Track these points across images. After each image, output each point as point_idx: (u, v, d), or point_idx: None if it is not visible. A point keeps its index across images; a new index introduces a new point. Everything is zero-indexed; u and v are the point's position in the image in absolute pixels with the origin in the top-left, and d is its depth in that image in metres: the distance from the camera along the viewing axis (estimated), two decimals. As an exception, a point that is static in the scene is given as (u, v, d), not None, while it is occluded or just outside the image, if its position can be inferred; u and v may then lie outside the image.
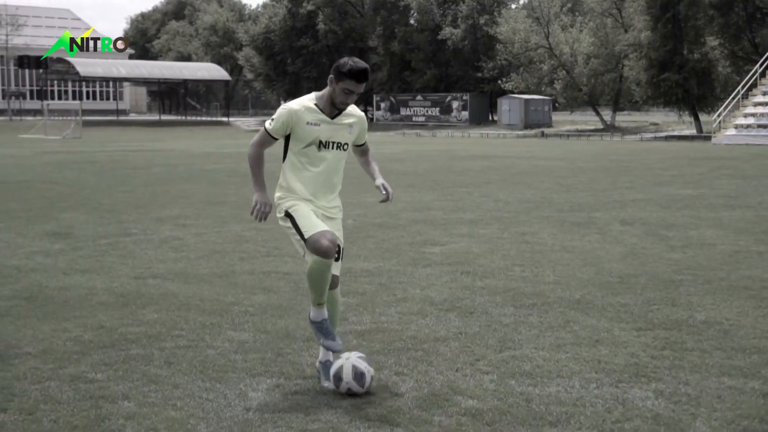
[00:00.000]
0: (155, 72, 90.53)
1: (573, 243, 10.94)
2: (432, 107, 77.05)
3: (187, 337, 6.44)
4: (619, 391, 5.18)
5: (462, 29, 75.11)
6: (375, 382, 5.23)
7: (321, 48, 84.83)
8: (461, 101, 75.28)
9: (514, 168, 25.74)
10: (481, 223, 12.92)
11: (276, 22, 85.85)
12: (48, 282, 8.49)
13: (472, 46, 75.30)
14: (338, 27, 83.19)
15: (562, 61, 66.59)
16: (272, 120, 5.30)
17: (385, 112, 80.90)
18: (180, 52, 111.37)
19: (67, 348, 6.12)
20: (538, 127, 66.26)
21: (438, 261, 9.66)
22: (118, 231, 12.20)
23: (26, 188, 19.07)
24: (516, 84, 68.52)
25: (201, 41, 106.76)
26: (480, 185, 19.60)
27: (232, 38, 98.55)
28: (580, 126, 69.94)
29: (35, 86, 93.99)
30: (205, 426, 4.61)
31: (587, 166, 26.86)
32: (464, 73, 77.38)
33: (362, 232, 11.98)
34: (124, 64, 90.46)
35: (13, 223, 13.01)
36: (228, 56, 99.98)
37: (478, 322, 6.87)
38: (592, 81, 66.05)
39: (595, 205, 15.21)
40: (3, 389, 5.19)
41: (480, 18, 74.40)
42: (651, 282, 8.42)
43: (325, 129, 5.26)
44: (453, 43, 75.19)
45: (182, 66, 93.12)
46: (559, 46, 66.61)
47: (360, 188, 18.33)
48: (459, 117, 75.01)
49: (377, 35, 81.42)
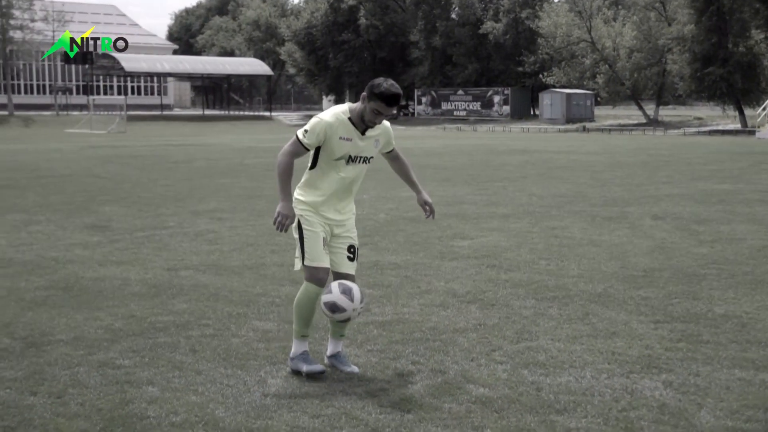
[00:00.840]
0: (198, 67, 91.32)
1: (602, 237, 11.01)
2: (473, 102, 76.92)
3: (213, 326, 6.65)
4: (629, 381, 5.30)
5: (504, 23, 74.87)
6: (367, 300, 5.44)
7: (362, 43, 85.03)
8: (503, 96, 75.06)
9: (551, 163, 25.73)
10: (513, 217, 13.02)
11: (318, 17, 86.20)
12: (84, 273, 8.76)
13: (513, 41, 75.02)
14: (380, 22, 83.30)
15: (604, 55, 66.12)
16: (306, 131, 5.34)
17: (426, 107, 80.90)
18: (223, 47, 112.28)
19: (98, 336, 6.35)
20: (580, 121, 65.92)
21: (465, 254, 9.79)
22: (155, 224, 12.47)
23: (69, 182, 19.46)
24: (558, 78, 68.16)
25: (244, 36, 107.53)
26: (516, 180, 19.66)
27: (274, 33, 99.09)
28: (622, 120, 69.45)
29: (81, 81, 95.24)
30: (224, 410, 4.80)
31: (626, 160, 26.78)
32: (506, 68, 77.14)
33: (393, 225, 12.14)
34: (168, 60, 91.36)
35: (55, 216, 13.34)
36: (270, 51, 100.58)
37: (498, 314, 7.01)
38: (635, 75, 65.49)
39: (628, 200, 15.23)
40: (34, 374, 5.42)
41: (522, 12, 74.10)
42: (675, 276, 8.48)
43: (355, 145, 5.39)
44: (494, 37, 74.97)
45: (225, 61, 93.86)
46: (602, 40, 66.13)
47: (395, 183, 18.47)
48: (500, 111, 74.82)
49: (418, 30, 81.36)
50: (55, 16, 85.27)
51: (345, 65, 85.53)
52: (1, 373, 5.44)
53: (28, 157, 29.37)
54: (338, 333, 5.65)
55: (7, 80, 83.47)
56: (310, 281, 5.41)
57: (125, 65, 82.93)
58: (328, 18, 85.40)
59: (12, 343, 6.14)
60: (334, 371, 5.51)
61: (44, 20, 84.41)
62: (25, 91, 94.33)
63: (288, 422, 4.62)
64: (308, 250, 5.41)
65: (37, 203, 15.10)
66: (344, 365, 5.53)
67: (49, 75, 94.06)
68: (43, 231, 11.74)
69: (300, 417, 4.70)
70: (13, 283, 8.24)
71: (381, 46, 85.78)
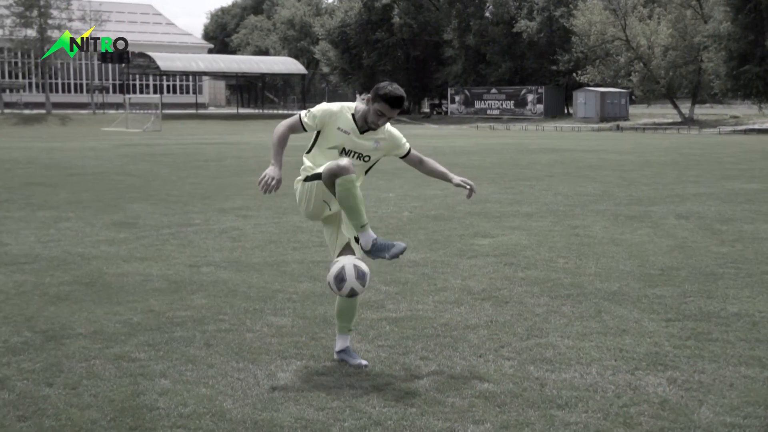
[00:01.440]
0: (233, 66, 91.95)
1: (623, 236, 11.02)
2: (507, 100, 76.84)
3: (229, 321, 6.77)
4: (633, 378, 5.35)
5: (538, 21, 74.75)
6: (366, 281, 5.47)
7: (396, 41, 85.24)
8: (536, 94, 74.93)
9: (581, 162, 25.68)
10: (536, 216, 13.05)
11: (352, 15, 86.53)
12: (108, 269, 8.93)
13: (547, 39, 74.85)
14: (413, 20, 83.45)
15: (639, 54, 65.76)
16: (308, 112, 5.50)
17: (460, 106, 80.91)
18: (258, 46, 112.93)
19: (116, 330, 6.50)
20: (614, 120, 65.66)
21: (484, 252, 9.86)
22: (181, 221, 12.65)
23: (101, 180, 19.74)
24: (592, 77, 67.88)
25: (278, 35, 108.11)
26: (543, 178, 19.66)
27: (308, 32, 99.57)
28: (657, 119, 69.07)
29: (118, 80, 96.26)
30: (232, 402, 4.92)
31: (656, 159, 26.66)
32: (539, 66, 76.98)
33: (416, 224, 12.22)
34: (203, 59, 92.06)
35: (84, 213, 13.56)
36: (305, 50, 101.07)
37: (511, 311, 7.07)
38: (670, 73, 65.11)
39: (654, 199, 15.20)
40: (52, 366, 5.57)
41: (556, 10, 73.89)
42: (692, 275, 8.50)
43: (351, 139, 5.48)
44: (528, 35, 74.88)
45: (259, 60, 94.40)
46: (636, 38, 65.78)
47: (421, 182, 18.59)
48: (534, 110, 74.68)
49: (452, 28, 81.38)
50: (92, 15, 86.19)
51: (378, 64, 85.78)
52: (20, 364, 5.60)
53: (62, 155, 29.78)
54: (346, 328, 5.76)
55: (45, 79, 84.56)
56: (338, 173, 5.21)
57: (161, 64, 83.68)
58: (362, 17, 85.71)
59: (33, 336, 6.30)
60: (343, 365, 5.61)
61: (81, 20, 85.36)
62: (62, 90, 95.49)
63: (293, 414, 4.72)
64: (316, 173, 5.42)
65: (68, 200, 15.35)
66: (353, 359, 5.64)
67: (86, 74, 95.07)
68: (71, 228, 11.95)
69: (305, 409, 4.80)
70: (38, 278, 8.43)
71: (414, 44, 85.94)
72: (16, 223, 12.36)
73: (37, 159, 27.76)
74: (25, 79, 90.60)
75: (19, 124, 71.98)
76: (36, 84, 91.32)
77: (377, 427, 4.56)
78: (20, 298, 7.55)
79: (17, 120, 74.16)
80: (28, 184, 18.69)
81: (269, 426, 4.56)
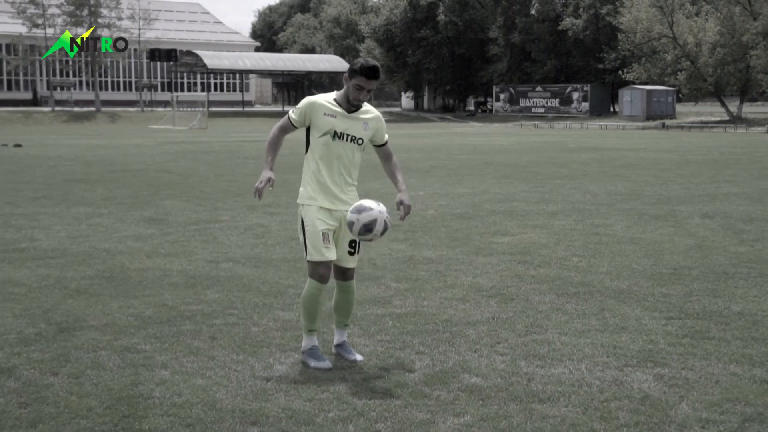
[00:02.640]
0: (279, 64, 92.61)
1: (643, 235, 11.05)
2: (552, 98, 76.52)
3: (237, 315, 6.97)
4: (621, 374, 5.44)
5: (583, 19, 74.32)
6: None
7: (441, 39, 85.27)
8: (582, 92, 74.52)
9: (618, 160, 25.59)
10: (560, 214, 13.11)
11: (397, 14, 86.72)
12: (130, 263, 9.19)
13: (593, 37, 74.39)
14: (458, 18, 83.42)
15: (686, 51, 65.05)
16: (295, 108, 5.76)
17: (505, 104, 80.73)
18: (304, 44, 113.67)
19: (128, 322, 6.72)
20: (661, 118, 65.07)
21: (501, 251, 9.96)
22: (210, 218, 12.90)
23: (139, 177, 20.11)
24: (638, 74, 67.28)
25: (325, 33, 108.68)
26: (576, 177, 19.66)
27: (354, 30, 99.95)
28: (705, 117, 68.30)
29: (165, 78, 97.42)
30: (225, 393, 5.10)
31: (695, 158, 26.48)
32: (585, 64, 76.56)
33: (439, 221, 12.35)
34: (250, 57, 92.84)
35: (117, 209, 13.88)
36: (350, 48, 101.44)
37: (514, 308, 7.18)
38: (718, 71, 64.30)
39: (683, 198, 15.16)
40: (60, 356, 5.80)
41: (602, 8, 73.37)
42: (703, 274, 8.53)
43: (340, 121, 5.64)
44: (574, 33, 74.48)
45: (305, 58, 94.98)
46: (683, 35, 65.07)
47: (453, 179, 18.72)
48: (579, 108, 74.28)
49: (497, 26, 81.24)
50: (141, 14, 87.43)
51: (423, 62, 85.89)
52: (30, 354, 5.84)
53: (106, 152, 30.34)
54: (342, 323, 5.92)
55: (95, 77, 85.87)
56: (312, 277, 5.66)
57: (208, 62, 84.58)
58: (407, 15, 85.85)
59: (47, 327, 6.55)
60: (339, 359, 5.78)
61: (131, 18, 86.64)
62: (111, 88, 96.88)
63: (282, 405, 4.89)
64: (309, 246, 5.66)
65: (104, 197, 15.70)
66: (348, 354, 5.80)
67: (135, 72, 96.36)
68: (102, 223, 12.26)
69: (294, 400, 4.97)
70: (62, 272, 8.70)
71: (459, 42, 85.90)
72: (50, 219, 12.70)
73: (81, 156, 28.31)
74: (76, 77, 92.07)
75: (69, 122, 73.30)
76: (86, 82, 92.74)
77: (360, 417, 4.71)
78: (41, 291, 7.82)
79: (67, 117, 75.50)
80: (69, 180, 19.11)
81: (256, 415, 4.74)
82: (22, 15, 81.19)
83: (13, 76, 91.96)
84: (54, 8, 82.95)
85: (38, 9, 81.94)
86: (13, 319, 6.79)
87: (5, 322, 6.69)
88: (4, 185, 17.96)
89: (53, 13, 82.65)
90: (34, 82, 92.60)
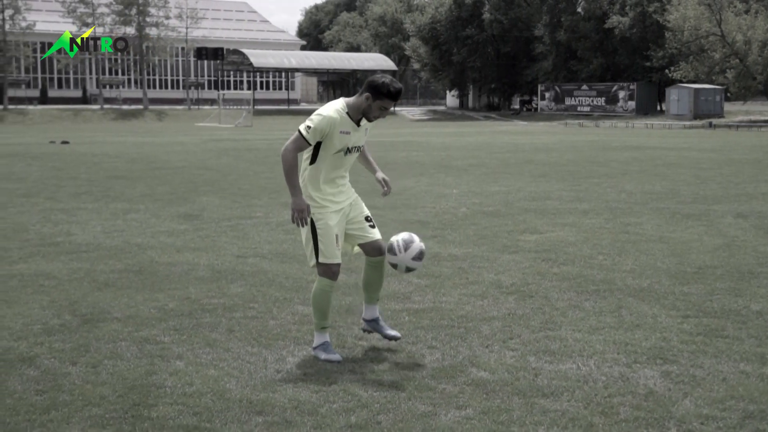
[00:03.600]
0: (324, 62, 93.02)
1: (673, 234, 11.01)
2: (597, 97, 75.95)
3: (257, 309, 7.10)
4: (629, 370, 5.47)
5: (630, 17, 73.61)
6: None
7: (486, 38, 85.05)
8: (628, 91, 73.87)
9: (659, 159, 25.39)
10: (592, 213, 13.08)
11: (442, 12, 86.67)
12: (160, 258, 9.37)
13: (640, 35, 73.62)
14: (504, 16, 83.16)
15: (734, 49, 64.20)
16: (308, 127, 5.58)
17: (550, 102, 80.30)
18: (350, 42, 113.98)
19: (150, 315, 6.88)
20: (708, 117, 64.27)
21: (527, 248, 9.99)
22: (243, 214, 13.08)
23: (180, 173, 20.39)
24: (685, 73, 66.54)
25: (370, 32, 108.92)
26: (614, 176, 19.56)
27: (400, 29, 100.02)
28: (754, 116, 67.32)
29: (212, 77, 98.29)
30: (235, 383, 5.22)
31: (738, 158, 26.18)
32: (631, 62, 75.86)
33: (470, 219, 12.40)
34: (295, 55, 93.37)
35: (154, 205, 14.12)
36: (396, 46, 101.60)
37: (532, 305, 7.23)
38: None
39: (719, 197, 15.05)
40: (81, 346, 5.97)
41: (649, 5, 72.64)
42: (727, 273, 8.50)
43: (353, 137, 5.71)
44: (620, 31, 73.80)
45: (350, 56, 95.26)
46: (732, 33, 64.21)
47: (489, 178, 18.73)
48: (625, 107, 73.66)
49: (543, 24, 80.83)
50: (188, 13, 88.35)
51: (468, 60, 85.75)
52: (53, 344, 6.01)
53: (150, 150, 30.74)
54: (375, 298, 6.05)
55: (143, 75, 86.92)
56: (324, 276, 5.74)
57: (254, 61, 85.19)
58: (452, 13, 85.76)
59: (72, 319, 6.73)
60: (353, 350, 5.86)
61: (178, 17, 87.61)
62: (159, 86, 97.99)
63: (288, 396, 5.00)
64: (323, 248, 5.68)
65: (143, 193, 15.97)
66: (385, 330, 5.96)
67: (182, 70, 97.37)
68: (138, 219, 12.48)
69: (302, 392, 5.08)
70: (92, 265, 8.91)
71: (505, 40, 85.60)
72: (89, 214, 12.96)
73: (125, 153, 28.73)
74: (124, 76, 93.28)
75: (117, 119, 74.32)
76: (134, 80, 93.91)
77: (363, 409, 4.81)
78: (71, 284, 8.02)
79: (116, 115, 76.52)
80: (111, 177, 19.44)
81: (262, 405, 4.85)
82: (72, 14, 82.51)
83: (64, 74, 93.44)
84: (103, 7, 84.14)
85: (88, 8, 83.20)
86: (40, 310, 6.98)
87: (32, 313, 6.89)
88: (48, 181, 18.33)
89: (102, 12, 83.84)
90: (84, 80, 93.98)
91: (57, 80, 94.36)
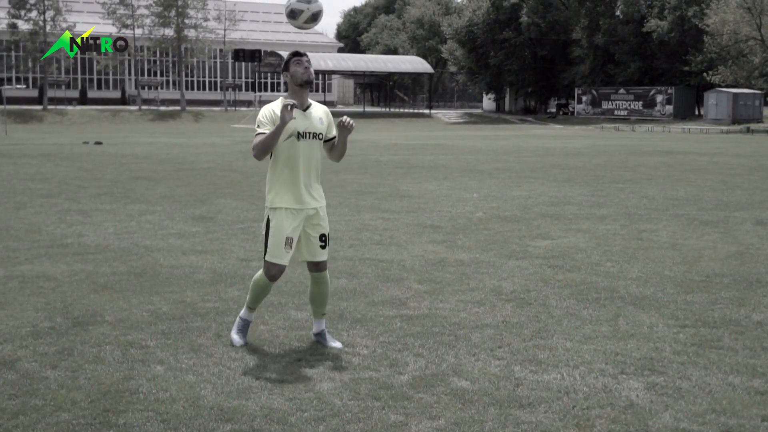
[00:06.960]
0: (361, 65, 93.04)
1: (687, 241, 10.83)
2: (635, 101, 75.32)
3: (250, 313, 7.04)
4: (613, 381, 5.35)
5: (669, 21, 72.87)
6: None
7: (523, 41, 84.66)
8: (666, 95, 73.17)
9: (689, 165, 25.07)
10: (609, 218, 12.91)
11: (479, 15, 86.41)
12: (164, 260, 9.36)
13: (678, 39, 72.87)
14: (541, 20, 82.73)
15: (774, 53, 63.38)
16: (259, 123, 5.88)
17: (587, 106, 79.75)
18: (387, 45, 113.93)
19: (142, 318, 6.86)
20: (747, 122, 63.46)
21: (535, 254, 9.86)
22: (257, 216, 13.04)
23: (203, 175, 20.45)
24: (724, 77, 65.79)
25: (407, 35, 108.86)
26: (639, 181, 19.33)
27: (437, 32, 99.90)
28: (794, 121, 66.40)
29: (249, 78, 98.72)
30: (211, 389, 5.17)
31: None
32: (670, 66, 75.08)
33: (484, 224, 12.28)
34: (332, 57, 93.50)
35: (170, 207, 14.15)
36: (433, 49, 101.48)
37: (528, 313, 7.12)
38: (808, 74, 62.53)
39: (742, 204, 14.80)
40: (65, 350, 5.95)
41: (688, 9, 71.87)
42: (734, 282, 8.33)
43: (300, 120, 5.86)
44: (659, 35, 73.10)
45: (387, 59, 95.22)
46: (772, 37, 63.42)
47: (512, 182, 18.60)
48: (663, 111, 72.95)
49: (581, 27, 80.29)
50: (227, 15, 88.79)
51: (505, 63, 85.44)
52: (37, 347, 6.00)
53: (180, 151, 30.92)
54: (320, 313, 6.20)
55: (181, 77, 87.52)
56: (266, 274, 6.05)
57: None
58: (490, 16, 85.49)
59: (62, 321, 6.72)
60: (333, 357, 5.80)
61: (217, 19, 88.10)
62: (197, 88, 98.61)
63: (261, 403, 4.94)
64: (270, 248, 5.97)
65: (163, 194, 16.02)
66: (328, 341, 6.10)
67: (220, 72, 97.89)
68: (151, 221, 12.51)
69: (276, 399, 5.01)
70: (95, 267, 8.92)
71: (542, 44, 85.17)
72: (104, 215, 13.02)
73: (154, 154, 28.90)
74: (162, 77, 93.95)
75: (155, 120, 74.91)
76: (172, 82, 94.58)
77: (333, 418, 4.73)
78: (69, 285, 8.03)
79: (153, 116, 77.15)
80: (134, 178, 19.55)
81: (233, 413, 4.80)
82: (112, 16, 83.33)
83: (103, 75, 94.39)
84: (143, 9, 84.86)
85: (128, 10, 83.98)
86: (33, 313, 6.99)
87: (24, 315, 6.89)
88: (71, 182, 18.47)
89: (142, 14, 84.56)
90: (123, 81, 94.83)
91: (96, 81, 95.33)
